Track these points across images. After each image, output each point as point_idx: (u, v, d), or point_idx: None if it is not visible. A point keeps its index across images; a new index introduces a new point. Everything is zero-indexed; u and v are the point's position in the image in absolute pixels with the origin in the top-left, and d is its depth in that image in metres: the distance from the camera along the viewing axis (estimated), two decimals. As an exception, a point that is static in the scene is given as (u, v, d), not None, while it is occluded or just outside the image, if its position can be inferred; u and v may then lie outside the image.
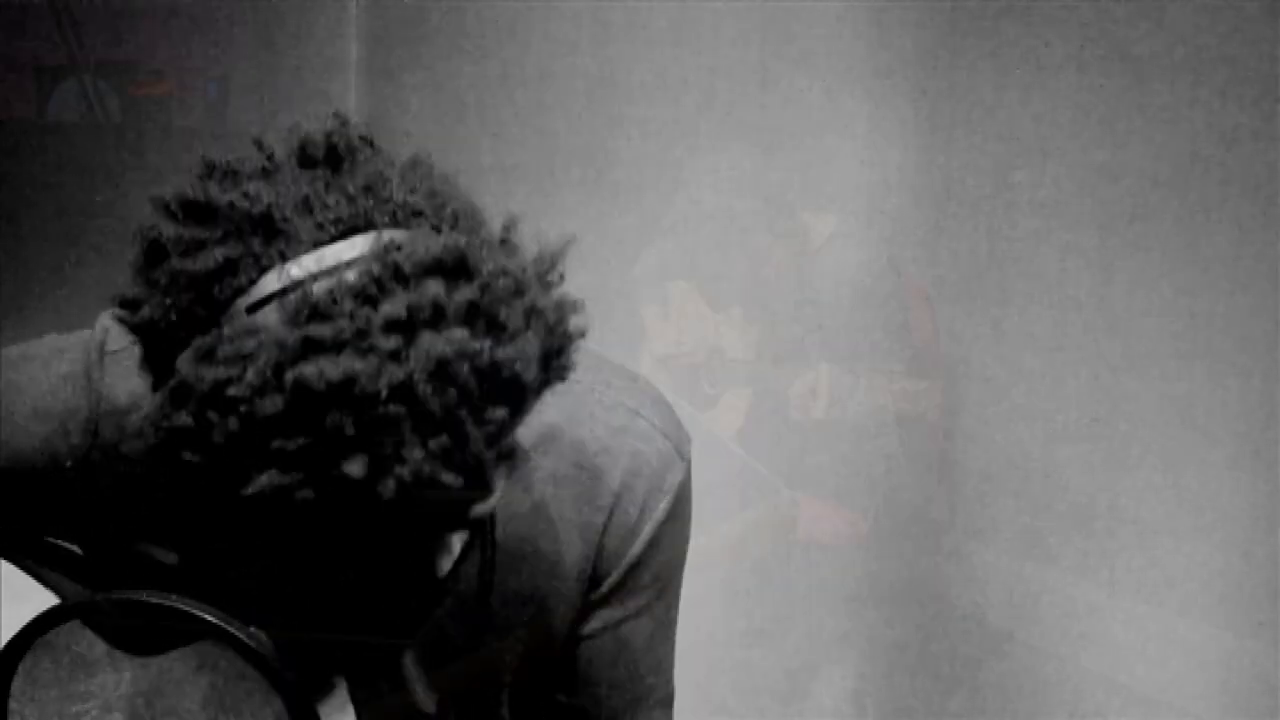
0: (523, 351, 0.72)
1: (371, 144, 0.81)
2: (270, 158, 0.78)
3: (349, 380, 0.67)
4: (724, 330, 2.57)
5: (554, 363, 0.76)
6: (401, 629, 0.78)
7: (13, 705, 0.76)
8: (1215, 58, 2.27)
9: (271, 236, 0.73)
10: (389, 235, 0.74)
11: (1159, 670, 2.49)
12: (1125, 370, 2.50)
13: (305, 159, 0.78)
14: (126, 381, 0.80)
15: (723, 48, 3.30)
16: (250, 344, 0.68)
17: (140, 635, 0.75)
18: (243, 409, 0.67)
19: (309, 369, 0.67)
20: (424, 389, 0.68)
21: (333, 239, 0.74)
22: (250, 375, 0.67)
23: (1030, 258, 2.64)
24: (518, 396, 0.73)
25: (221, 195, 0.75)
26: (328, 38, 4.42)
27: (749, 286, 2.51)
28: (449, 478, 0.70)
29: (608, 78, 3.37)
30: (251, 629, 0.74)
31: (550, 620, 0.82)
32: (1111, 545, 2.58)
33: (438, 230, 0.77)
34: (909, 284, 2.46)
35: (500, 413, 0.71)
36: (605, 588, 0.83)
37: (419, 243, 0.73)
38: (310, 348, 0.68)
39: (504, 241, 0.78)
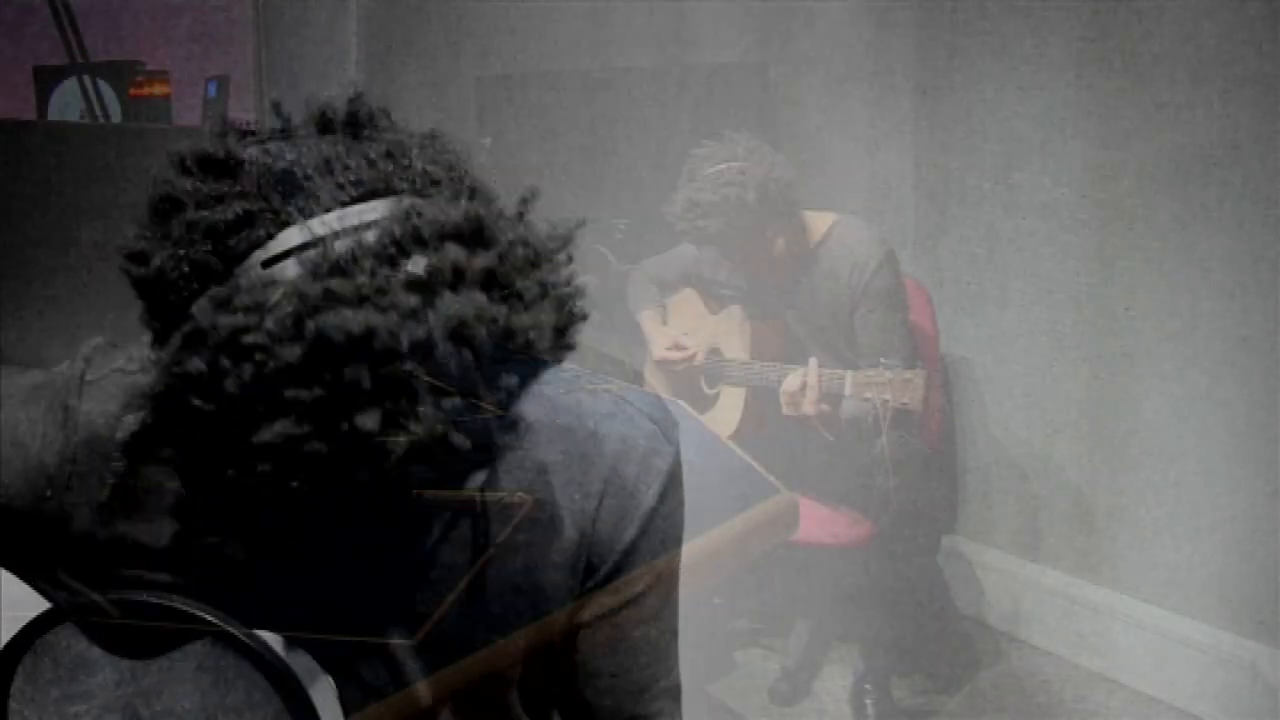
0: (538, 320, 0.75)
1: (389, 116, 0.83)
2: (288, 121, 0.80)
3: (370, 334, 0.68)
4: (722, 331, 2.57)
5: (561, 340, 0.78)
6: (400, 629, 0.78)
7: (13, 705, 0.76)
8: (1215, 58, 2.27)
9: (292, 193, 0.74)
10: (409, 200, 0.76)
11: (1159, 670, 2.49)
12: (1125, 370, 2.50)
13: (325, 124, 0.80)
14: (105, 406, 0.80)
15: (723, 48, 3.30)
16: (270, 294, 0.69)
17: (133, 638, 0.75)
18: (259, 357, 0.68)
19: (330, 319, 0.68)
20: (442, 348, 0.69)
21: (353, 200, 0.75)
22: (269, 323, 0.68)
23: (1030, 258, 2.64)
24: (529, 366, 0.74)
25: (243, 150, 0.76)
26: (328, 37, 4.42)
27: (747, 286, 2.51)
28: (458, 440, 0.71)
29: (608, 78, 3.37)
30: (252, 629, 0.74)
31: (548, 613, 0.81)
32: (1111, 545, 2.58)
33: (456, 199, 0.78)
34: (909, 283, 2.46)
35: (512, 380, 0.72)
36: (600, 576, 0.82)
37: (439, 209, 0.74)
38: (331, 300, 0.69)
39: (520, 215, 0.80)
